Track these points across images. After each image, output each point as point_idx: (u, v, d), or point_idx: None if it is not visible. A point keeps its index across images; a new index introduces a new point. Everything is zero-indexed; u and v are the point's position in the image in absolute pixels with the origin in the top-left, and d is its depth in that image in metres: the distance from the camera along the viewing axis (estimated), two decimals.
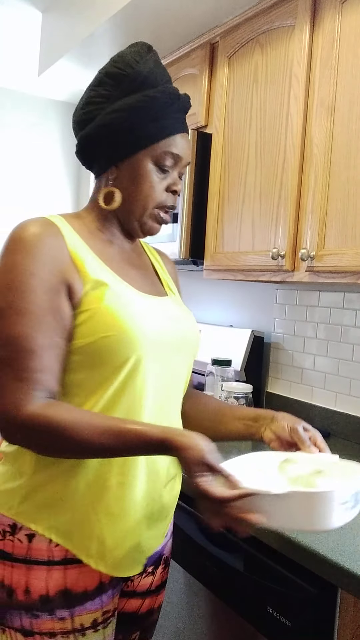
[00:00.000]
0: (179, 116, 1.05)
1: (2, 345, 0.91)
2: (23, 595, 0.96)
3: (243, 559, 1.21)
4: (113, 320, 0.95)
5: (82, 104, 1.07)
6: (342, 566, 0.99)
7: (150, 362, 0.99)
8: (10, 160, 3.69)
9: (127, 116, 1.00)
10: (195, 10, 1.89)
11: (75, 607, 0.97)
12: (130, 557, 1.02)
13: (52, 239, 0.96)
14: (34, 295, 0.91)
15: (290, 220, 1.64)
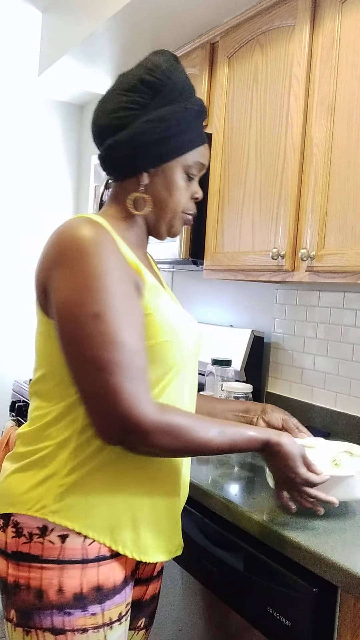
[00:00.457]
0: (202, 126, 1.11)
1: (112, 349, 0.91)
2: (55, 596, 0.97)
3: (243, 559, 1.21)
4: (170, 328, 1.01)
5: (111, 108, 1.05)
6: (342, 566, 0.99)
7: (186, 369, 1.08)
8: (10, 160, 3.69)
9: (165, 126, 1.03)
10: (195, 10, 1.89)
11: (106, 602, 1.00)
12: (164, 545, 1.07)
13: (112, 241, 0.98)
14: (129, 299, 0.95)
15: (290, 220, 1.64)
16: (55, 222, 3.86)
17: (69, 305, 0.92)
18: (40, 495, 1.00)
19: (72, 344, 0.92)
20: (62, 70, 2.53)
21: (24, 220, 3.76)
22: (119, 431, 0.92)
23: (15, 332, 3.77)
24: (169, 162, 1.06)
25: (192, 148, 1.07)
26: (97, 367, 0.91)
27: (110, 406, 0.91)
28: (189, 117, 1.06)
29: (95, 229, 0.96)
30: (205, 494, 1.32)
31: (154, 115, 1.03)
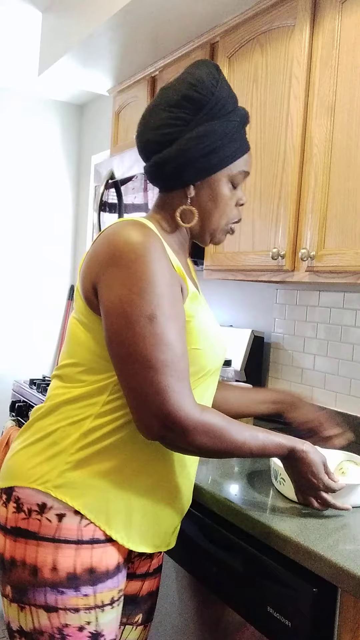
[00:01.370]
0: (244, 133, 1.12)
1: (164, 350, 0.96)
2: (50, 573, 1.00)
3: (243, 559, 1.21)
4: (204, 337, 1.05)
5: (155, 124, 1.08)
6: (342, 566, 0.99)
7: (211, 378, 1.12)
8: (10, 160, 3.69)
9: (210, 142, 1.06)
10: (195, 10, 1.89)
11: (98, 584, 1.03)
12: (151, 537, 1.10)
13: (160, 245, 1.00)
14: (178, 304, 0.99)
15: (290, 220, 1.64)
16: (55, 222, 3.86)
17: (123, 304, 0.96)
18: (46, 470, 1.03)
19: (124, 342, 0.96)
20: (62, 70, 2.53)
21: (24, 220, 3.76)
22: (162, 427, 0.96)
23: (15, 333, 3.77)
24: (214, 175, 1.09)
25: (236, 158, 1.10)
26: (147, 365, 0.95)
27: (157, 403, 0.95)
28: (232, 130, 1.08)
29: (146, 233, 0.99)
30: (205, 494, 1.32)
31: (198, 132, 1.05)
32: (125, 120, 2.56)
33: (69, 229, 3.92)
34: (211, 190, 1.10)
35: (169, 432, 0.96)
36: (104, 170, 2.35)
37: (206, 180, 1.09)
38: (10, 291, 3.74)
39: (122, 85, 2.59)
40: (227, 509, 1.26)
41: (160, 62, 2.29)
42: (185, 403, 0.96)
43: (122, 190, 2.27)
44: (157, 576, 1.25)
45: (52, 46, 2.49)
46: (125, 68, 2.44)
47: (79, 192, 3.92)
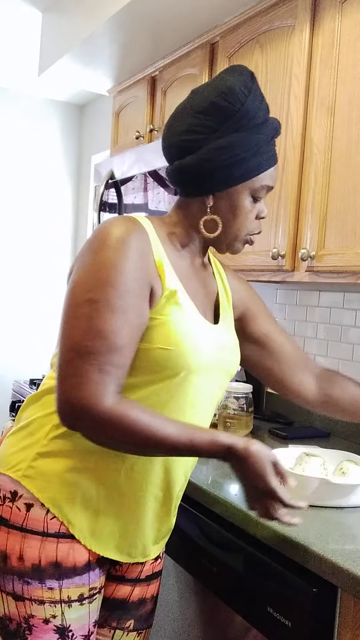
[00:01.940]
0: (274, 146, 1.09)
1: (94, 336, 0.93)
2: (17, 562, 1.01)
3: (243, 559, 1.21)
4: (174, 338, 1.00)
5: (181, 129, 1.05)
6: (342, 566, 0.99)
7: (193, 381, 1.05)
8: (10, 160, 3.69)
9: (233, 153, 1.02)
10: (195, 10, 1.89)
11: (63, 579, 1.01)
12: (117, 544, 1.07)
13: (143, 242, 0.99)
14: (129, 297, 0.95)
15: (290, 220, 1.64)
16: (55, 222, 3.86)
17: (73, 286, 0.96)
18: (19, 459, 1.04)
19: (63, 322, 0.96)
20: (62, 70, 2.53)
21: (24, 220, 3.76)
22: (71, 414, 0.93)
23: (15, 333, 3.77)
24: (235, 187, 1.06)
25: (259, 172, 1.06)
26: (72, 348, 0.93)
27: (70, 389, 0.92)
28: (258, 143, 1.04)
29: (128, 227, 0.98)
30: (205, 494, 1.32)
31: (222, 142, 1.02)
32: (125, 120, 2.56)
33: (69, 229, 3.92)
34: (231, 202, 1.07)
35: (78, 420, 0.93)
36: (104, 170, 2.35)
37: (226, 191, 1.06)
38: (10, 291, 3.74)
39: (122, 85, 2.59)
40: (227, 509, 1.26)
41: (160, 62, 2.29)
42: (98, 393, 0.92)
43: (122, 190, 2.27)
44: (152, 583, 1.20)
45: (52, 46, 2.49)
46: (125, 68, 2.44)
47: (79, 192, 3.92)
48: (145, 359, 1.00)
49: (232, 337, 1.17)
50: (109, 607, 1.16)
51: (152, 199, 2.11)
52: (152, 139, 2.32)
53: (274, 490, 0.96)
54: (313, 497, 1.23)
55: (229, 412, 1.85)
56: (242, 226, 1.09)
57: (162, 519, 1.12)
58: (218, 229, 1.08)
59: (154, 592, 1.21)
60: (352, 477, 1.27)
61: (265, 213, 1.12)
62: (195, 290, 1.12)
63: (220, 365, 1.10)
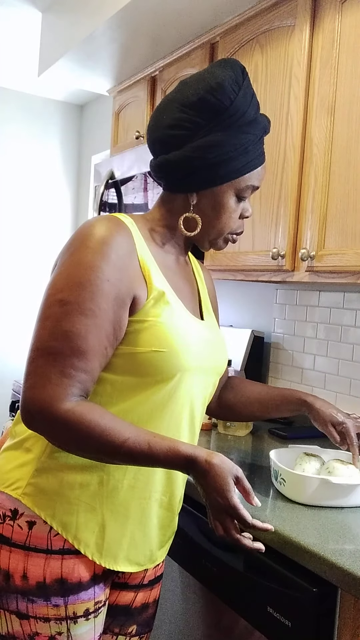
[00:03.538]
0: (262, 145, 1.06)
1: (59, 337, 0.91)
2: (20, 581, 0.98)
3: (243, 559, 1.21)
4: (168, 339, 0.97)
5: (167, 123, 1.02)
6: (342, 566, 0.99)
7: (187, 382, 1.03)
8: (10, 159, 3.69)
9: (219, 153, 1.00)
10: (195, 10, 1.89)
11: (69, 596, 0.99)
12: (126, 555, 1.05)
13: (126, 244, 0.97)
14: (103, 301, 0.92)
15: (290, 220, 1.64)
16: (55, 222, 3.86)
17: (48, 286, 0.95)
18: (18, 476, 1.01)
19: (36, 320, 0.94)
20: (62, 70, 2.53)
21: (24, 220, 3.76)
22: (28, 415, 0.91)
23: (15, 333, 3.77)
24: (220, 186, 1.03)
25: (245, 172, 1.03)
26: (37, 346, 0.92)
27: (29, 388, 0.91)
28: (247, 142, 1.01)
29: (110, 228, 0.96)
30: None
31: (209, 140, 0.99)
32: (125, 120, 2.56)
33: (68, 229, 3.92)
34: (215, 200, 1.04)
35: (34, 420, 0.91)
36: (104, 170, 2.35)
37: (211, 189, 1.04)
38: (10, 291, 3.74)
39: (122, 85, 2.59)
40: None
41: (160, 62, 2.29)
42: (56, 395, 0.89)
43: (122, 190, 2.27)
44: (154, 587, 1.19)
45: (52, 46, 2.49)
46: (125, 68, 2.44)
47: (79, 192, 3.92)
48: (138, 364, 0.97)
49: (218, 332, 1.16)
50: (112, 613, 1.14)
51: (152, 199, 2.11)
52: None
53: (233, 508, 0.90)
54: (313, 497, 1.23)
55: None
56: (225, 225, 1.07)
57: (167, 523, 1.10)
58: (197, 228, 1.06)
59: (156, 596, 1.20)
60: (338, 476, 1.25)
61: (249, 212, 1.10)
62: (182, 288, 1.10)
63: (212, 363, 1.08)
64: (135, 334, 0.97)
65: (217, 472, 0.91)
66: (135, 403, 1.00)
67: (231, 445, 1.72)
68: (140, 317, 0.97)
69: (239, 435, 1.84)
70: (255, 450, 1.69)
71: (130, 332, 0.97)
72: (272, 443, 1.78)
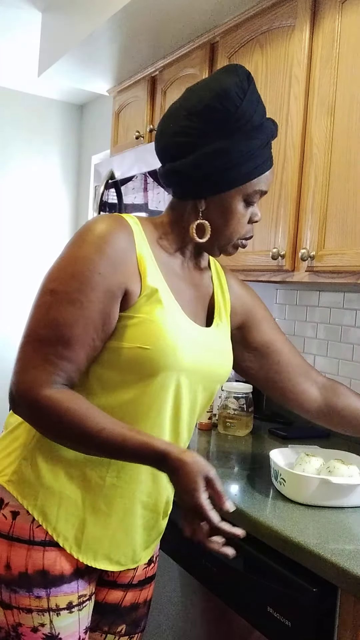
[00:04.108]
0: (270, 150, 1.06)
1: (46, 325, 0.93)
2: (4, 570, 0.99)
3: (243, 559, 1.21)
4: (154, 337, 0.97)
5: (173, 130, 1.02)
6: (342, 566, 0.99)
7: (174, 384, 1.02)
8: (10, 159, 3.69)
9: (226, 159, 1.00)
10: (195, 10, 1.89)
11: (51, 587, 1.00)
12: (106, 553, 1.05)
13: (124, 240, 0.98)
14: (92, 293, 0.94)
15: (290, 220, 1.64)
16: (55, 222, 3.86)
17: (44, 276, 0.98)
18: (5, 465, 1.03)
19: (29, 311, 0.97)
20: (62, 70, 2.53)
21: (24, 221, 3.76)
22: (11, 399, 0.94)
23: (15, 333, 3.77)
24: (228, 191, 1.03)
25: (253, 178, 1.03)
26: (26, 333, 0.95)
27: (15, 372, 0.94)
28: (253, 147, 1.01)
29: (110, 224, 0.97)
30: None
31: (216, 147, 0.99)
32: (125, 120, 2.56)
33: (68, 229, 3.92)
34: (223, 206, 1.04)
35: (16, 404, 0.94)
36: (104, 170, 2.35)
37: (219, 195, 1.03)
38: (10, 291, 3.74)
39: (122, 85, 2.59)
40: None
41: (160, 62, 2.29)
42: (38, 380, 0.92)
43: (122, 190, 2.27)
44: (145, 588, 1.18)
45: (52, 46, 2.49)
46: (125, 68, 2.44)
47: (79, 192, 3.92)
48: (125, 359, 0.98)
49: (224, 342, 1.14)
50: (100, 611, 1.15)
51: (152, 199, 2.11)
52: (152, 139, 2.32)
53: (200, 508, 0.88)
54: (313, 497, 1.23)
55: (229, 412, 1.85)
56: (234, 231, 1.07)
57: (152, 525, 1.10)
58: (207, 235, 1.06)
59: (147, 596, 1.20)
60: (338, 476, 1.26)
61: (258, 217, 1.10)
62: (183, 291, 1.09)
63: (205, 368, 1.06)
64: (123, 329, 0.98)
65: (188, 470, 0.90)
66: (119, 399, 1.00)
67: (231, 445, 1.72)
68: (131, 312, 0.98)
69: (239, 435, 1.84)
70: (255, 450, 1.69)
71: (120, 327, 0.98)
72: (272, 443, 1.78)
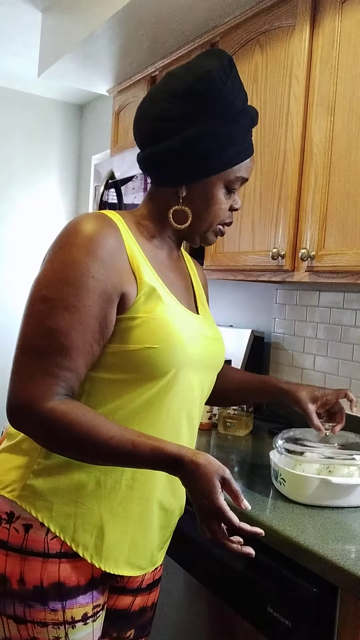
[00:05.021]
0: (251, 137, 1.05)
1: (42, 335, 0.90)
2: (17, 585, 0.96)
3: (243, 559, 1.21)
4: (163, 335, 0.95)
5: (154, 114, 1.00)
6: (342, 566, 0.99)
7: (184, 378, 1.01)
8: (10, 159, 3.68)
9: (208, 143, 0.98)
10: (195, 10, 1.89)
11: (67, 600, 0.98)
12: (127, 558, 1.03)
13: (113, 240, 0.95)
14: (87, 297, 0.91)
15: (290, 220, 1.64)
16: (55, 222, 3.86)
17: (33, 283, 0.94)
18: (14, 478, 0.99)
19: (21, 320, 0.93)
20: (62, 70, 2.53)
21: (24, 221, 3.76)
22: (11, 415, 0.91)
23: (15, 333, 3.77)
24: (210, 177, 1.02)
25: (234, 164, 1.02)
26: (21, 344, 0.91)
27: (13, 387, 0.90)
28: (235, 132, 1.00)
29: (97, 224, 0.94)
30: None
31: (197, 130, 0.97)
32: (125, 120, 2.56)
33: None
34: (204, 193, 1.03)
35: (17, 419, 0.90)
36: (104, 170, 2.35)
37: (200, 181, 1.02)
38: (10, 292, 3.74)
39: (122, 85, 2.59)
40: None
41: (160, 62, 2.29)
42: (39, 394, 0.89)
43: (122, 190, 2.27)
44: (153, 591, 1.16)
45: (52, 46, 2.49)
46: (125, 68, 2.44)
47: (79, 192, 3.92)
48: (131, 361, 0.96)
49: (215, 327, 1.14)
50: (110, 617, 1.13)
51: None
52: None
53: (219, 509, 0.87)
54: (313, 497, 1.23)
55: (229, 412, 1.85)
56: (215, 218, 1.05)
57: (166, 524, 1.09)
58: (188, 221, 1.04)
59: (155, 599, 1.18)
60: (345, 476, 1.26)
61: (239, 205, 1.08)
62: (176, 283, 1.08)
63: (210, 358, 1.06)
64: (126, 331, 0.95)
65: (203, 473, 0.88)
66: (129, 400, 0.98)
67: (231, 445, 1.72)
68: (131, 314, 0.95)
69: (239, 435, 1.84)
70: (255, 450, 1.69)
71: (122, 330, 0.95)
72: (272, 443, 1.78)
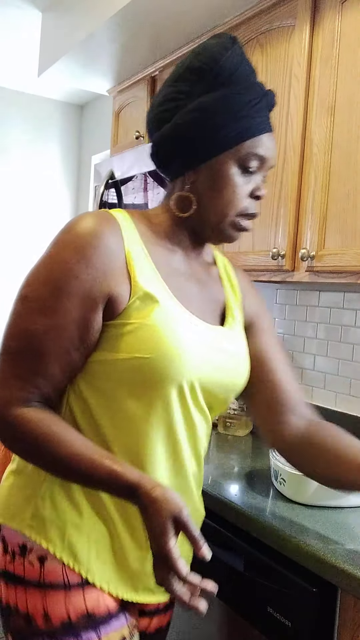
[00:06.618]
0: (264, 114, 0.95)
1: (17, 337, 0.85)
2: (43, 622, 0.89)
3: (243, 559, 1.21)
4: (154, 343, 0.86)
5: (158, 101, 0.96)
6: (342, 566, 0.99)
7: (179, 395, 0.91)
8: (9, 159, 3.69)
9: (210, 115, 0.90)
10: (195, 10, 1.89)
11: (101, 628, 0.90)
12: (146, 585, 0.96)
13: (109, 240, 0.87)
14: (67, 300, 0.84)
15: (290, 220, 1.64)
16: (55, 223, 3.86)
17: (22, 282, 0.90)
18: (22, 508, 0.93)
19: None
20: (62, 70, 2.53)
21: (23, 221, 3.76)
22: None
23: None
24: (217, 157, 0.92)
25: (245, 139, 0.92)
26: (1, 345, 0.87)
27: None
28: (239, 105, 0.91)
29: (94, 222, 0.88)
30: (205, 494, 1.32)
31: (196, 104, 0.91)
32: (125, 120, 2.56)
33: None
34: (213, 174, 0.92)
35: None
36: (104, 170, 2.35)
37: (208, 162, 0.92)
38: (9, 293, 3.74)
39: (122, 85, 2.59)
40: (227, 509, 1.26)
41: (160, 62, 2.29)
42: (7, 398, 0.84)
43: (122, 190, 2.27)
44: (169, 611, 1.10)
45: (52, 46, 2.49)
46: (125, 68, 2.44)
47: (79, 192, 3.92)
48: (123, 372, 0.87)
49: (238, 342, 1.01)
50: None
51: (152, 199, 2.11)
52: None
53: (166, 556, 0.74)
54: (313, 497, 1.23)
55: (229, 412, 1.85)
56: (228, 204, 0.93)
57: (182, 540, 1.02)
58: (192, 208, 0.95)
59: (169, 619, 1.12)
60: None
61: (262, 191, 0.96)
62: (187, 288, 0.97)
63: (217, 372, 0.94)
64: (117, 338, 0.87)
65: (156, 510, 0.77)
66: (115, 415, 0.90)
67: (231, 445, 1.72)
68: (122, 319, 0.87)
69: (239, 435, 1.84)
70: (255, 450, 1.69)
71: (111, 337, 0.88)
72: None
